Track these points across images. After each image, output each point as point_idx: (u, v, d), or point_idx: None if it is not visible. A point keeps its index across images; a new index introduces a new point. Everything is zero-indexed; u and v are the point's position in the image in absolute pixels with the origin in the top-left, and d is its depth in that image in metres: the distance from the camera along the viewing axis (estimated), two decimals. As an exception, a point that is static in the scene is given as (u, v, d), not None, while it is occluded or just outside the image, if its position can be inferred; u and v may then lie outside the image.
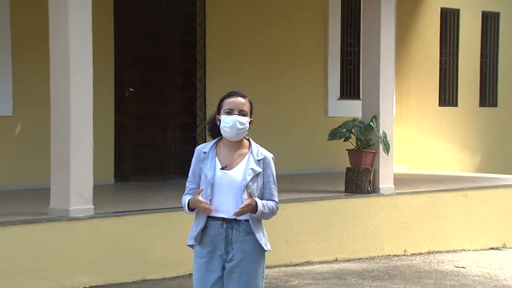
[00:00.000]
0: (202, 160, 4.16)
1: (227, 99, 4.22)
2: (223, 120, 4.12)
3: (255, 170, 4.12)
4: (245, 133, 4.20)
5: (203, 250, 4.12)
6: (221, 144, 4.22)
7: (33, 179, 8.96)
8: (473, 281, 8.14)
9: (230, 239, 4.06)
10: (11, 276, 6.74)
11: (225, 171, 4.10)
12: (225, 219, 4.07)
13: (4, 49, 9.22)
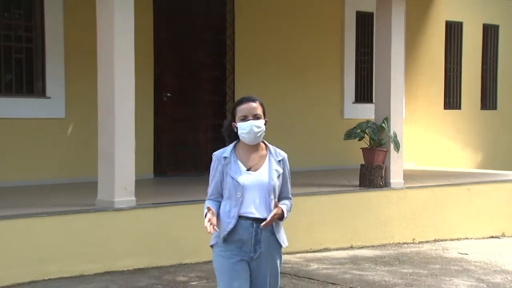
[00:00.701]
0: (225, 165, 3.96)
1: (239, 106, 3.99)
2: (240, 127, 3.93)
3: (278, 171, 3.98)
4: (263, 135, 3.98)
5: (229, 247, 3.91)
6: (239, 148, 4.02)
7: (82, 174, 9.02)
8: (475, 266, 8.11)
9: (259, 238, 3.90)
10: (63, 260, 6.82)
11: (250, 172, 3.93)
12: (255, 219, 3.89)
13: (58, 60, 9.29)
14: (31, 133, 9.13)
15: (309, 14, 11.73)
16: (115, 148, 7.20)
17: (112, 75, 7.22)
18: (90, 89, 8.00)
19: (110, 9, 7.22)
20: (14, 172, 8.94)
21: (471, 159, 14.03)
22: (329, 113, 12.04)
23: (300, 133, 11.55)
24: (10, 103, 9.01)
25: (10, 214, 6.82)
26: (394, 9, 9.39)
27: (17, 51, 9.13)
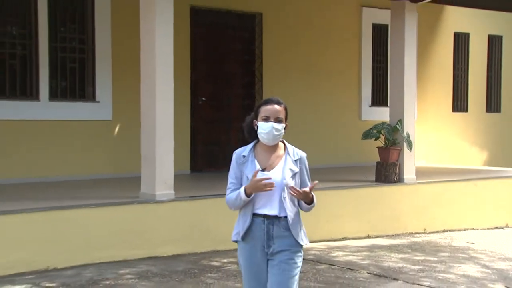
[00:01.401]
0: (242, 163, 3.77)
1: (264, 106, 3.79)
2: (260, 127, 3.74)
3: (293, 170, 3.75)
4: (280, 137, 3.77)
5: (246, 245, 3.77)
6: (258, 148, 3.82)
7: (127, 169, 9.06)
8: (481, 254, 8.05)
9: (271, 234, 3.70)
10: (110, 247, 6.88)
11: (265, 172, 3.70)
12: (266, 216, 3.71)
13: (106, 69, 9.36)
14: (82, 133, 9.21)
15: (330, 26, 11.71)
16: (156, 147, 7.24)
17: (154, 82, 7.27)
18: (134, 94, 8.04)
19: (152, 24, 7.27)
20: (68, 167, 9.03)
21: (478, 157, 13.91)
22: (348, 115, 12.00)
23: (321, 133, 11.53)
24: (64, 107, 9.10)
25: (67, 205, 6.91)
26: (407, 22, 9.38)
27: (71, 61, 9.20)
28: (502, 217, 10.31)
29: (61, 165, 8.98)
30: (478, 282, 6.62)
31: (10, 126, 8.65)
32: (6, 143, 8.60)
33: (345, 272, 6.81)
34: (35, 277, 6.22)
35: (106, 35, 9.36)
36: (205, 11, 10.33)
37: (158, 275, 6.37)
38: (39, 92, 8.87)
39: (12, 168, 8.62)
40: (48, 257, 6.53)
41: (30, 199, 7.27)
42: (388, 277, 6.66)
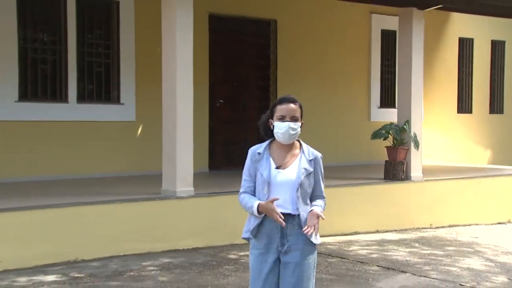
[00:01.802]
0: (257, 161, 3.56)
1: (279, 105, 3.59)
2: (276, 126, 3.54)
3: (308, 169, 3.53)
4: (296, 136, 3.58)
5: (259, 243, 3.54)
6: (274, 146, 3.62)
7: (149, 167, 9.08)
8: (485, 248, 8.02)
9: (285, 232, 3.48)
10: (134, 240, 6.91)
11: (279, 170, 3.51)
12: (281, 213, 3.46)
13: (130, 73, 9.39)
14: (107, 133, 9.25)
15: (341, 32, 11.69)
16: (177, 146, 7.26)
17: (174, 85, 7.29)
18: (156, 97, 8.07)
19: (173, 31, 7.30)
20: (94, 165, 9.08)
21: (481, 156, 13.84)
22: (358, 116, 11.97)
23: (333, 133, 11.51)
24: (91, 109, 9.14)
25: (93, 200, 6.95)
26: (414, 28, 9.36)
27: (97, 65, 9.25)
28: (504, 213, 10.26)
29: (88, 163, 9.03)
30: (481, 274, 6.59)
31: (40, 126, 8.71)
32: (38, 143, 8.65)
33: (356, 265, 6.80)
34: (64, 267, 6.27)
35: (130, 41, 9.40)
36: (223, 18, 10.34)
37: (179, 267, 6.40)
38: (68, 94, 8.93)
39: (43, 166, 8.68)
40: (77, 249, 6.57)
41: (60, 195, 7.32)
42: (396, 269, 6.64)
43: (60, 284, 5.69)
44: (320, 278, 6.09)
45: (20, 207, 6.48)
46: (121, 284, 5.72)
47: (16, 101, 8.51)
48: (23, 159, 8.55)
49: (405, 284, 6.07)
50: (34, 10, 8.72)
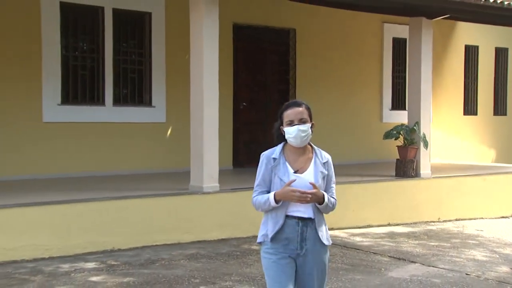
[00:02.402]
0: (274, 166, 3.32)
1: (286, 111, 3.35)
2: (287, 132, 3.30)
3: (323, 172, 3.34)
4: (309, 138, 3.33)
5: (276, 247, 3.28)
6: (287, 150, 3.37)
7: (178, 165, 9.11)
8: (489, 240, 7.93)
9: (305, 236, 3.26)
10: (165, 231, 6.96)
11: (298, 174, 3.28)
12: (300, 218, 3.27)
13: (161, 78, 9.43)
14: (140, 134, 9.29)
15: (355, 40, 11.64)
16: (203, 145, 7.27)
17: (201, 89, 7.30)
18: (184, 100, 8.09)
19: (200, 40, 7.31)
20: (128, 163, 9.13)
21: (486, 155, 13.70)
22: (371, 118, 11.90)
23: (347, 134, 11.46)
24: (126, 111, 9.20)
25: (127, 195, 6.98)
26: (423, 36, 9.31)
27: (132, 72, 9.30)
28: (508, 207, 10.14)
29: (123, 161, 9.09)
30: (486, 265, 6.53)
31: (80, 127, 8.78)
32: (78, 142, 8.73)
33: (369, 255, 6.77)
34: (102, 256, 6.33)
35: (160, 50, 9.43)
36: (246, 27, 10.34)
37: (206, 256, 6.42)
38: (105, 98, 8.99)
39: (82, 163, 8.76)
40: (113, 239, 6.63)
41: (97, 190, 7.38)
42: (406, 260, 6.61)
43: (98, 271, 5.75)
44: (336, 268, 6.08)
45: (63, 201, 6.54)
46: (153, 272, 5.75)
47: (58, 104, 8.59)
48: (65, 157, 8.63)
49: (415, 274, 6.02)
50: (75, 22, 8.80)
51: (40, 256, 6.17)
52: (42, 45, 8.42)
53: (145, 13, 9.35)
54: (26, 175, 8.30)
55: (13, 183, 7.87)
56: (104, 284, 5.31)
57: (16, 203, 6.29)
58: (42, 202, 6.42)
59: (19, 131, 8.31)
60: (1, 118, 8.19)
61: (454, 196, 9.55)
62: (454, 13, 9.54)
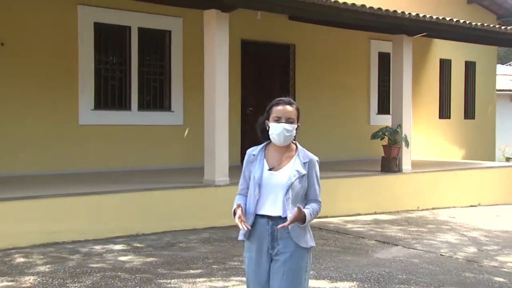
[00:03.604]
0: (251, 162, 2.89)
1: (275, 107, 2.91)
2: (272, 127, 2.85)
3: (300, 172, 2.80)
4: (291, 138, 2.86)
5: (252, 245, 2.84)
6: (270, 148, 2.91)
7: (193, 161, 9.09)
8: (459, 226, 7.95)
9: (276, 235, 2.76)
10: (182, 218, 6.97)
11: (272, 171, 2.81)
12: (270, 217, 2.77)
13: (179, 87, 9.44)
14: (161, 135, 9.29)
15: (346, 54, 11.62)
16: (215, 145, 7.28)
17: (214, 96, 7.30)
18: (199, 106, 8.10)
19: (212, 54, 7.31)
20: (151, 159, 9.14)
21: (458, 153, 13.66)
22: (360, 121, 11.88)
23: (339, 134, 11.44)
24: (149, 115, 9.21)
25: (150, 187, 7.01)
26: (404, 51, 9.32)
27: (154, 81, 9.30)
28: (475, 198, 10.13)
29: (146, 158, 9.10)
30: (456, 246, 6.54)
31: (110, 129, 8.81)
32: (108, 142, 8.76)
33: (358, 239, 6.77)
34: (128, 239, 6.35)
35: (179, 62, 9.44)
36: (252, 43, 10.33)
37: (217, 240, 6.43)
38: (131, 104, 9.01)
39: (112, 160, 8.79)
40: (138, 225, 6.64)
41: (124, 182, 7.40)
42: (390, 243, 6.61)
43: (126, 252, 5.77)
44: (330, 250, 6.09)
45: (96, 192, 6.57)
46: (172, 253, 5.77)
47: (92, 109, 8.62)
48: (97, 154, 8.66)
49: (397, 255, 6.02)
50: (106, 39, 8.83)
51: (77, 239, 6.20)
52: (79, 60, 8.46)
53: (166, 31, 9.37)
54: (65, 169, 8.32)
55: (54, 176, 7.90)
56: (131, 263, 5.33)
57: (57, 194, 6.32)
58: (78, 193, 6.45)
59: (59, 132, 8.34)
60: (44, 121, 8.23)
61: (431, 188, 9.53)
62: (430, 31, 9.54)
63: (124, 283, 4.68)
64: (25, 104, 8.09)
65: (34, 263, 5.25)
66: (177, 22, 9.38)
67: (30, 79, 8.12)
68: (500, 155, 16.05)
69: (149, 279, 4.81)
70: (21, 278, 4.78)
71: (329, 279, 4.96)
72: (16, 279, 4.74)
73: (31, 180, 7.43)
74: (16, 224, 5.91)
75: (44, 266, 5.15)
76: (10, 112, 7.98)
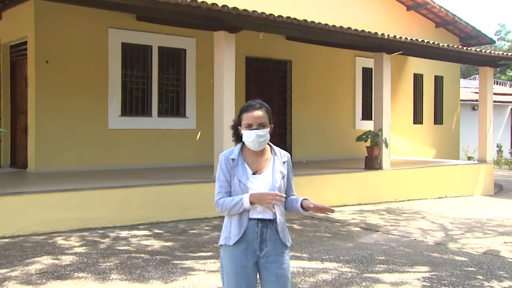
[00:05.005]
0: (233, 167, 2.39)
1: (245, 113, 2.42)
2: (245, 135, 2.40)
3: (283, 172, 2.44)
4: (266, 142, 2.42)
5: (236, 248, 2.36)
6: (246, 151, 2.45)
7: (204, 160, 9.04)
8: (430, 214, 7.92)
9: (265, 238, 2.37)
10: (195, 208, 6.95)
11: (256, 175, 2.39)
12: (260, 219, 2.36)
13: (192, 96, 9.45)
14: (177, 137, 9.27)
15: (335, 68, 11.61)
16: (224, 146, 7.22)
17: (222, 105, 7.29)
18: (209, 113, 8.12)
19: (221, 69, 7.30)
20: (169, 158, 9.15)
21: (429, 153, 13.63)
22: (346, 125, 11.87)
23: (328, 137, 11.43)
24: (167, 121, 9.21)
25: (170, 182, 7.00)
26: (384, 66, 9.28)
27: (171, 91, 9.31)
28: (443, 190, 10.09)
29: (165, 157, 9.11)
30: (427, 232, 6.53)
31: (134, 133, 8.83)
32: (133, 143, 8.76)
33: (344, 226, 6.77)
34: (149, 226, 6.36)
35: (192, 76, 9.46)
36: (255, 59, 10.34)
37: (225, 226, 6.43)
38: (152, 111, 9.02)
39: (136, 158, 8.81)
40: (158, 214, 6.64)
41: (146, 178, 7.41)
42: (372, 229, 6.60)
43: (148, 237, 5.78)
44: (321, 236, 6.09)
45: (123, 185, 6.59)
46: (187, 238, 5.77)
47: (119, 116, 8.65)
48: (124, 154, 8.68)
49: (378, 239, 6.02)
50: (131, 56, 8.87)
51: (106, 225, 6.22)
52: (108, 74, 8.50)
53: (182, 49, 9.39)
54: (97, 166, 8.36)
55: (88, 172, 7.94)
56: (151, 246, 5.33)
57: (91, 187, 6.35)
58: (108, 186, 6.48)
59: (92, 135, 8.39)
60: (80, 126, 8.26)
61: (406, 183, 9.51)
62: (405, 50, 9.55)
63: (146, 263, 4.70)
64: (65, 112, 8.14)
65: (72, 245, 5.29)
66: (191, 41, 9.41)
67: (69, 90, 8.17)
68: (463, 154, 16.03)
69: (167, 260, 4.83)
70: (62, 256, 4.83)
71: (320, 260, 4.97)
72: (58, 258, 4.79)
73: (70, 175, 7.46)
74: (58, 212, 5.95)
75: (80, 248, 5.19)
76: (53, 118, 8.04)
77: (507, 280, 4.50)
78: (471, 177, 10.68)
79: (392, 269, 4.74)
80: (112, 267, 4.53)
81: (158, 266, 4.62)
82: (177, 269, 4.53)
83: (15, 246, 5.20)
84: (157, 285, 4.11)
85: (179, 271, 4.47)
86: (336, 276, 4.46)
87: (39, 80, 7.92)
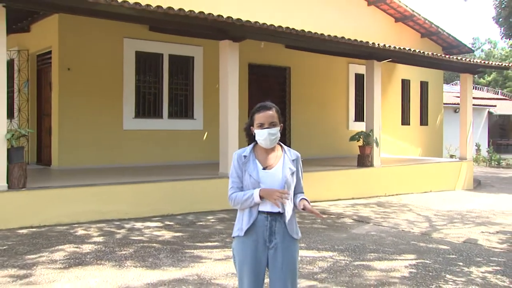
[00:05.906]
0: (244, 163, 2.40)
1: (257, 113, 2.44)
2: (257, 134, 2.41)
3: (292, 168, 2.42)
4: (277, 140, 2.44)
5: (247, 239, 2.35)
6: (258, 149, 2.46)
7: (211, 158, 9.08)
8: (416, 207, 7.92)
9: (274, 230, 2.34)
10: (202, 202, 6.89)
11: (266, 170, 2.38)
12: (269, 213, 2.34)
13: (199, 100, 9.45)
14: (186, 137, 9.28)
15: (330, 74, 11.61)
16: (228, 145, 7.26)
17: (227, 108, 7.29)
18: (215, 115, 8.12)
19: (226, 75, 7.30)
20: (179, 156, 9.15)
21: (415, 151, 13.62)
22: (341, 126, 11.86)
23: (324, 136, 11.41)
24: (176, 122, 9.21)
25: (179, 178, 6.99)
26: (375, 72, 9.28)
27: (180, 95, 9.31)
28: (428, 185, 10.08)
29: (174, 155, 9.12)
30: (414, 223, 6.53)
31: (147, 133, 8.84)
32: (146, 143, 8.78)
33: (339, 219, 6.77)
34: (161, 218, 6.37)
35: (200, 81, 9.46)
36: (257, 66, 10.33)
37: (230, 219, 6.41)
38: (163, 113, 9.04)
39: (148, 157, 8.81)
40: (168, 207, 6.65)
41: (158, 174, 7.41)
42: (364, 221, 6.60)
43: (160, 228, 5.79)
44: (317, 227, 6.10)
45: (136, 181, 6.59)
46: (195, 229, 5.77)
47: (133, 117, 8.66)
48: (137, 152, 8.69)
49: (369, 230, 6.02)
50: (144, 63, 8.88)
51: (122, 217, 6.23)
52: (123, 80, 8.52)
53: (190, 57, 9.40)
54: (113, 164, 8.39)
55: (105, 169, 7.96)
56: (163, 237, 5.34)
57: (108, 182, 6.36)
58: (124, 182, 6.49)
59: (108, 136, 8.40)
60: (97, 127, 8.28)
61: (395, 179, 9.51)
62: (394, 58, 9.56)
63: (158, 252, 4.71)
64: (85, 114, 8.17)
65: (91, 235, 5.31)
66: (198, 50, 9.41)
67: (88, 95, 8.20)
68: (446, 153, 16.03)
69: (177, 249, 4.84)
70: (82, 245, 4.85)
71: (316, 249, 4.97)
72: (79, 246, 4.81)
73: (89, 172, 7.48)
74: (79, 204, 5.97)
75: (98, 237, 5.20)
76: (74, 120, 8.07)
77: (484, 265, 4.52)
78: (453, 173, 10.68)
79: (382, 257, 4.74)
80: (128, 255, 4.54)
81: (169, 254, 4.63)
82: (186, 257, 4.54)
83: (41, 235, 5.24)
84: (168, 271, 4.13)
85: (188, 259, 4.48)
86: (332, 263, 4.47)
87: (61, 86, 7.97)
